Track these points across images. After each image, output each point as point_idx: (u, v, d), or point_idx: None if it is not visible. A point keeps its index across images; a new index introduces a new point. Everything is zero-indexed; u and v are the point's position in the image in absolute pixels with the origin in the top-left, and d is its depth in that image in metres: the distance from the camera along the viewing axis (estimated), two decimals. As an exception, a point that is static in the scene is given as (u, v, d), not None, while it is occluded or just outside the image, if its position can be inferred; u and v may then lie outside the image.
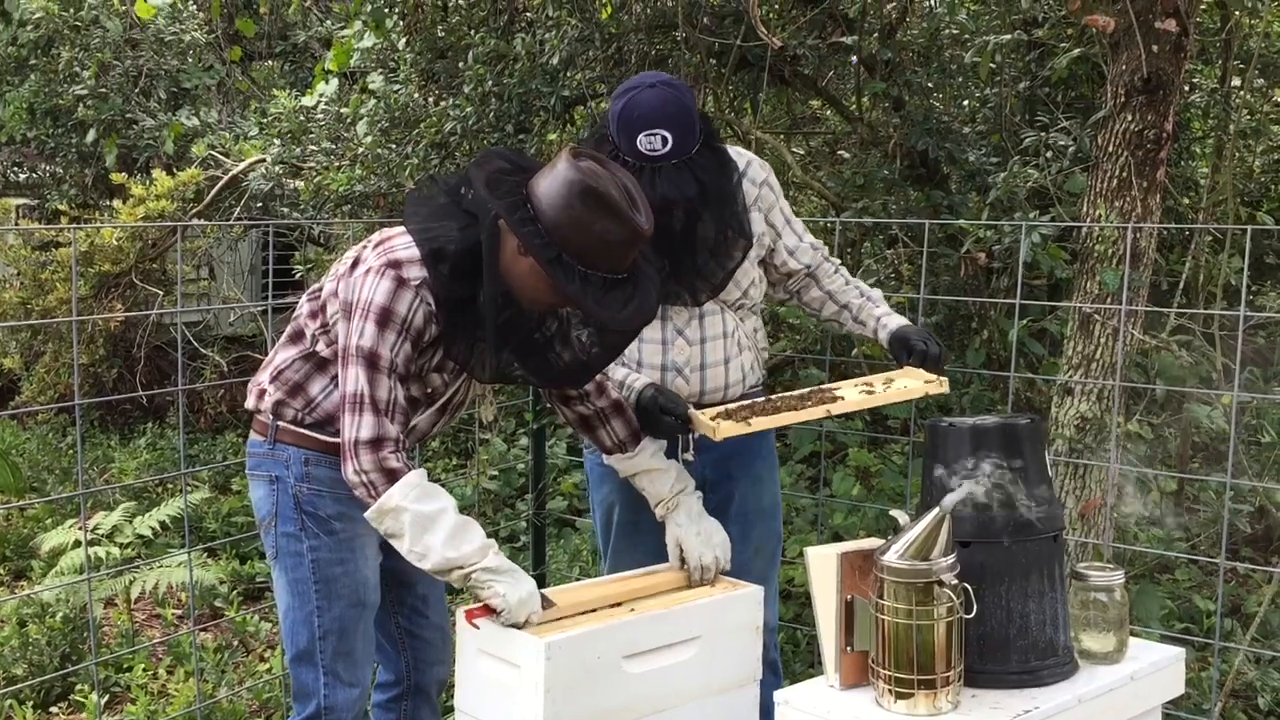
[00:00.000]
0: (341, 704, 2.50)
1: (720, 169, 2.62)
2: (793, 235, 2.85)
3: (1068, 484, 3.52)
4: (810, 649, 3.98)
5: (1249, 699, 3.81)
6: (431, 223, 2.34)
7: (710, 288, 2.69)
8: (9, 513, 5.73)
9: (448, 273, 2.30)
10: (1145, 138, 3.50)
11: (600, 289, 2.24)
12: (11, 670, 4.17)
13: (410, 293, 2.30)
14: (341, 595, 2.46)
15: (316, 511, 2.44)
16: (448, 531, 2.26)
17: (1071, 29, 4.93)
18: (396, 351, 2.31)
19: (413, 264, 2.31)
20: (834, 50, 5.63)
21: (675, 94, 2.53)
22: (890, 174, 5.32)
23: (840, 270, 2.91)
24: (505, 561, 2.30)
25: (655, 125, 2.49)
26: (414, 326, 2.32)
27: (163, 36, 7.76)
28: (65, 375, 6.85)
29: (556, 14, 5.40)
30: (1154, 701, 2.22)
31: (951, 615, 1.97)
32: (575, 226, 2.21)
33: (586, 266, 2.22)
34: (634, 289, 2.29)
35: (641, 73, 2.67)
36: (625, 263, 2.28)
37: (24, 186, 9.96)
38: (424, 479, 2.31)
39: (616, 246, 2.24)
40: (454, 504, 2.31)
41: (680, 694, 2.36)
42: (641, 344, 2.73)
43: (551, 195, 2.23)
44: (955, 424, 2.16)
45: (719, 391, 2.77)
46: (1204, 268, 4.78)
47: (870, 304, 2.86)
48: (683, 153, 2.53)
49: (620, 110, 2.53)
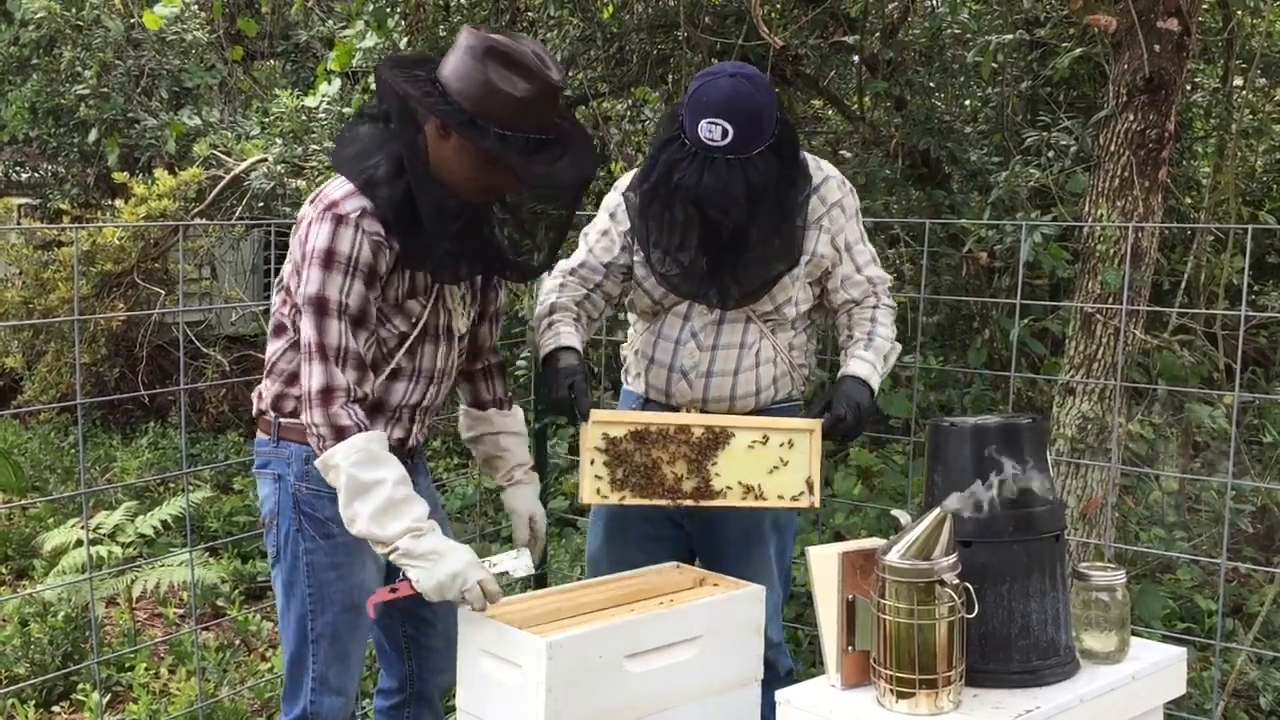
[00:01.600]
0: (326, 711, 2.47)
1: (782, 176, 2.54)
2: (850, 264, 2.74)
3: (1069, 484, 3.52)
4: (812, 649, 3.98)
5: (1251, 699, 3.81)
6: (358, 157, 2.32)
7: (741, 295, 2.62)
8: (11, 512, 5.73)
9: (386, 192, 2.27)
10: (1147, 137, 3.50)
11: (524, 149, 2.21)
12: (13, 669, 4.17)
13: (350, 228, 2.26)
14: (335, 600, 2.43)
15: (314, 513, 2.41)
16: (378, 505, 2.22)
17: (1073, 28, 4.93)
18: (346, 292, 2.26)
19: (348, 199, 2.28)
20: (836, 50, 5.63)
21: (750, 88, 2.46)
22: (892, 173, 5.33)
23: (879, 313, 2.78)
24: (431, 544, 2.24)
25: (718, 115, 2.43)
26: (361, 261, 2.27)
27: (165, 36, 7.76)
28: (67, 374, 6.85)
29: (558, 13, 5.41)
30: (1155, 701, 2.22)
31: (953, 615, 1.96)
32: (483, 87, 2.19)
33: (506, 128, 2.19)
34: (563, 150, 2.26)
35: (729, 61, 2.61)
36: (544, 120, 2.24)
37: (26, 186, 9.97)
38: (372, 443, 2.25)
39: (530, 103, 2.20)
40: (396, 477, 2.25)
41: (682, 693, 2.36)
42: (659, 340, 2.71)
43: (457, 67, 2.22)
44: (957, 424, 2.16)
45: (723, 402, 2.71)
46: (1205, 267, 4.78)
47: (860, 341, 2.75)
48: (742, 149, 2.45)
49: (694, 92, 2.48)
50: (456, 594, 2.24)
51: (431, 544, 2.24)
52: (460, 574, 2.23)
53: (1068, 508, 3.47)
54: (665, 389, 2.73)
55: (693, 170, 2.44)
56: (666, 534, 2.80)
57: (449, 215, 2.29)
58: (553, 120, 2.28)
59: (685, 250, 2.56)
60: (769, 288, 2.64)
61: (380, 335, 2.37)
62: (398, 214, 2.27)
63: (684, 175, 2.46)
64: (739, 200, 2.47)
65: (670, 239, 2.57)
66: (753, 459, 2.58)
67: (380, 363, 2.40)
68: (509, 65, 2.20)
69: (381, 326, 2.37)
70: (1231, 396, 3.78)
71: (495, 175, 2.27)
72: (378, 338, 2.37)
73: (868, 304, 2.79)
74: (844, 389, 2.67)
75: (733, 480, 2.58)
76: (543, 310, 2.72)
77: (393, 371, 2.42)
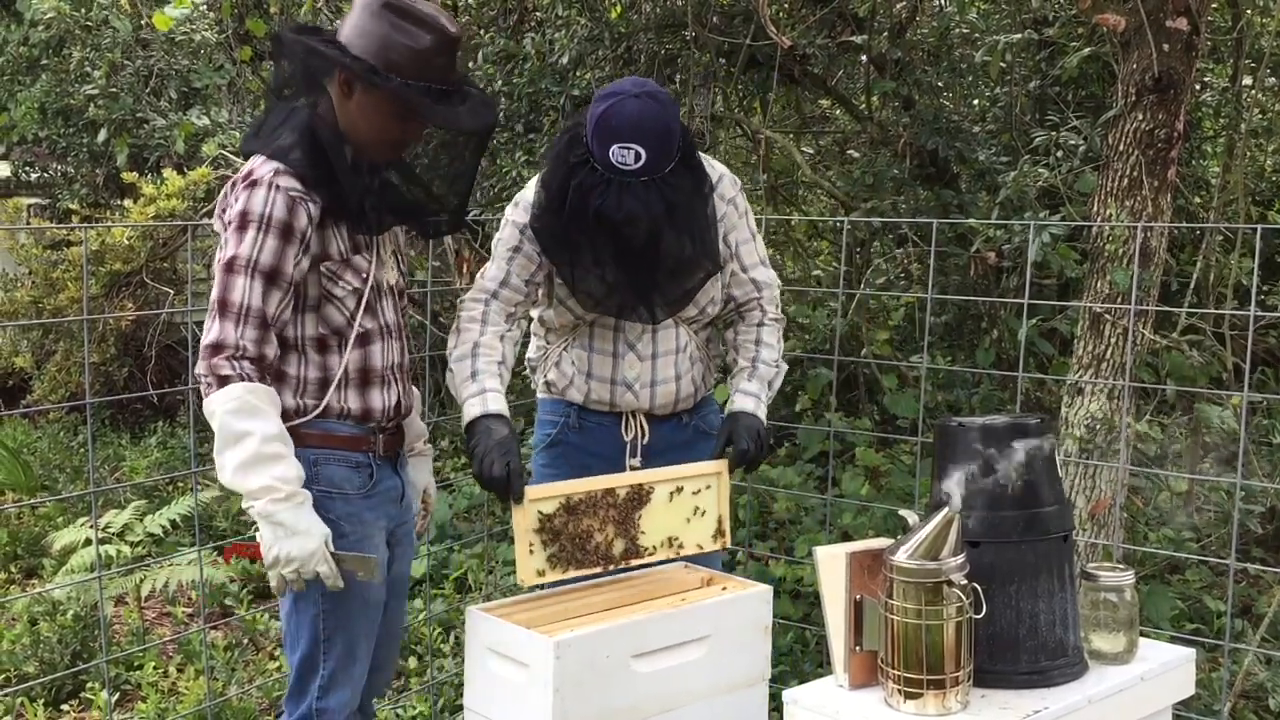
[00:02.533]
0: (335, 707, 2.47)
1: (694, 189, 2.55)
2: (737, 263, 2.76)
3: (1078, 484, 3.52)
4: (819, 649, 3.98)
5: (1259, 700, 3.80)
6: (264, 134, 2.35)
7: (668, 307, 2.64)
8: (21, 511, 5.75)
9: (298, 153, 2.28)
10: (1156, 137, 3.49)
11: (427, 98, 2.26)
12: (23, 668, 4.18)
13: (264, 188, 2.26)
14: (347, 598, 2.42)
15: (326, 514, 2.38)
16: (245, 457, 2.19)
17: (1082, 28, 4.92)
18: (258, 248, 2.25)
19: (262, 166, 2.30)
20: (844, 49, 5.63)
21: (658, 108, 2.44)
22: (900, 173, 5.32)
23: (764, 331, 2.80)
24: (290, 517, 2.21)
25: (630, 139, 2.40)
26: (274, 218, 2.26)
27: (173, 36, 7.77)
28: (76, 374, 6.88)
29: (566, 13, 5.41)
30: (1164, 702, 2.22)
31: (961, 615, 1.96)
32: (383, 40, 2.24)
33: (407, 78, 2.24)
34: (463, 101, 2.32)
35: (627, 78, 2.58)
36: (444, 72, 2.28)
37: (35, 186, 9.99)
38: (252, 394, 2.22)
39: (427, 53, 2.25)
40: (268, 433, 2.21)
41: (689, 693, 2.36)
42: (592, 354, 2.71)
43: (356, 25, 2.27)
44: (965, 424, 2.15)
45: (668, 406, 2.76)
46: (1214, 267, 4.77)
47: (745, 370, 2.77)
48: (655, 170, 2.44)
49: (599, 116, 2.43)
50: (290, 573, 2.24)
51: (290, 517, 2.22)
52: (300, 560, 2.23)
53: (1076, 508, 3.47)
54: (610, 400, 2.74)
55: (610, 196, 2.42)
56: None
57: (361, 170, 2.33)
58: (453, 73, 2.32)
59: (607, 270, 2.54)
60: (693, 295, 2.66)
61: (337, 294, 2.37)
62: (314, 169, 2.29)
63: (602, 202, 2.44)
64: (660, 220, 2.46)
65: (591, 261, 2.55)
66: (672, 511, 2.61)
67: (345, 328, 2.40)
68: (406, 18, 2.24)
69: (335, 284, 2.37)
70: (1240, 397, 3.77)
71: (400, 128, 2.31)
72: (336, 299, 2.37)
73: (752, 318, 2.80)
74: (740, 423, 2.70)
75: (657, 536, 2.60)
76: (464, 349, 2.62)
77: (363, 336, 2.43)
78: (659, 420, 2.78)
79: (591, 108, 2.47)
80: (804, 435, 5.22)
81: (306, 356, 2.39)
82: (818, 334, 5.68)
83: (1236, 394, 4.14)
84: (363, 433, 2.45)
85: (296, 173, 2.28)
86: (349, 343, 2.41)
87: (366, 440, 2.45)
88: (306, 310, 2.38)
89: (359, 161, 2.33)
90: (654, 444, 2.75)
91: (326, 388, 2.39)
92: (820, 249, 7.38)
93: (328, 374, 2.40)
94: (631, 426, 2.75)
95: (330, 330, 2.40)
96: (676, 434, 2.79)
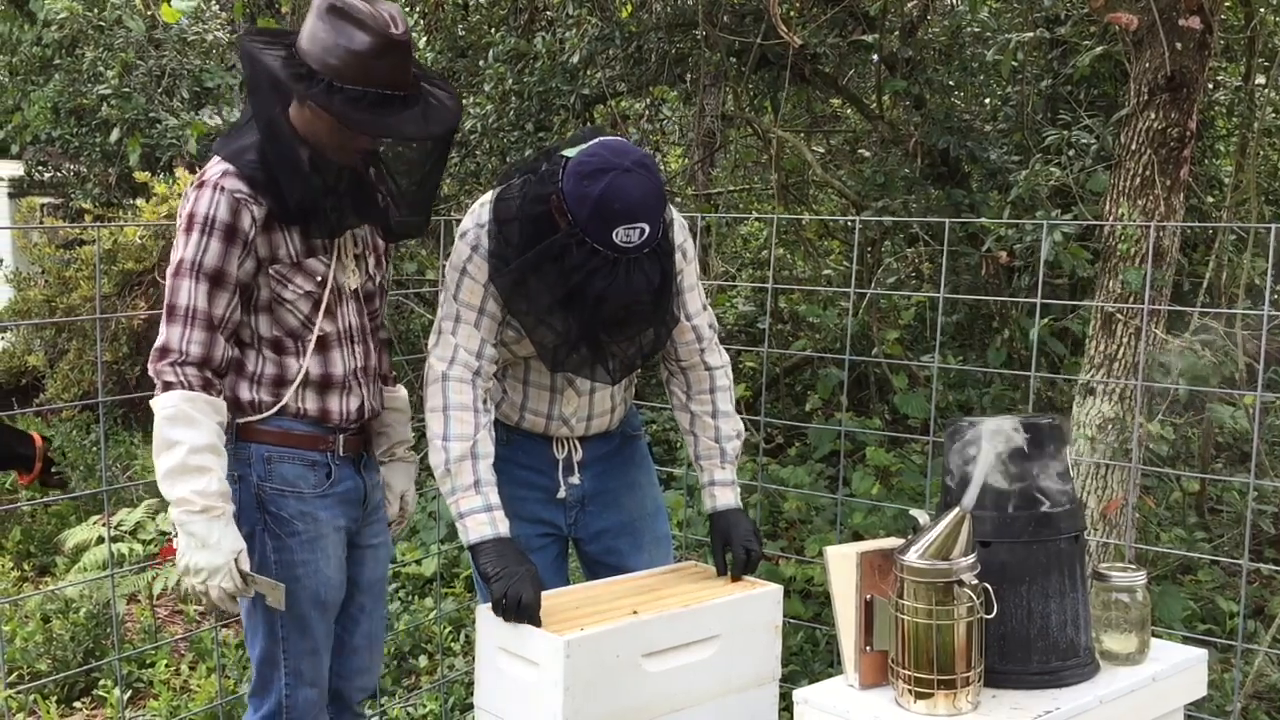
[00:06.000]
0: (302, 704, 2.47)
1: (671, 250, 2.45)
2: (681, 309, 2.61)
3: (1089, 484, 3.51)
4: (830, 648, 3.97)
5: (1272, 701, 3.79)
6: (231, 135, 2.36)
7: (626, 368, 2.55)
8: (34, 509, 5.77)
9: (252, 155, 2.27)
10: (1168, 136, 3.48)
11: (372, 106, 2.20)
12: (35, 665, 4.20)
13: (210, 190, 2.26)
14: (302, 596, 2.42)
15: (279, 512, 2.39)
16: (171, 465, 2.22)
17: (1094, 26, 4.91)
18: (202, 250, 2.26)
19: (212, 168, 2.29)
20: (855, 48, 5.63)
21: (652, 180, 2.31)
22: (911, 172, 5.31)
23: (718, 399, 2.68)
24: (203, 528, 2.21)
25: (637, 219, 2.26)
26: (218, 219, 2.26)
27: (185, 36, 7.80)
28: (89, 372, 6.89)
29: (576, 13, 5.42)
30: (1176, 703, 2.21)
31: (972, 615, 1.96)
32: (324, 44, 2.20)
33: (347, 83, 2.19)
34: (414, 107, 2.25)
35: (598, 142, 2.38)
36: (390, 77, 2.22)
37: (48, 185, 10.02)
38: (189, 404, 2.23)
39: (367, 57, 2.19)
40: (198, 444, 2.21)
41: (699, 693, 2.36)
42: (528, 388, 2.64)
43: (307, 28, 2.24)
44: (976, 424, 2.15)
45: (600, 433, 2.71)
46: (1227, 267, 4.75)
47: (714, 456, 2.67)
48: (654, 241, 2.31)
49: (598, 199, 2.24)
50: (199, 583, 2.25)
51: (203, 529, 2.23)
52: (207, 572, 2.24)
53: (1088, 508, 3.46)
54: (544, 431, 2.68)
55: (618, 278, 2.29)
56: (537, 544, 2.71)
57: (316, 172, 2.28)
58: (405, 77, 2.25)
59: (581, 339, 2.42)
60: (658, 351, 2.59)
61: (286, 298, 2.36)
62: (264, 172, 2.27)
63: (609, 284, 2.29)
64: (658, 287, 2.38)
65: (562, 328, 2.40)
66: None
67: (301, 331, 2.39)
68: (347, 20, 2.20)
69: (284, 287, 2.35)
70: (1253, 396, 3.75)
71: (347, 134, 2.26)
72: (287, 303, 2.36)
73: (700, 383, 2.69)
74: (735, 528, 2.61)
75: None
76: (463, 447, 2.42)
77: (323, 340, 2.41)
78: (589, 438, 2.72)
79: (577, 185, 2.27)
80: (814, 435, 5.22)
81: (263, 354, 2.39)
82: (829, 333, 5.68)
83: (1249, 394, 4.12)
84: (321, 432, 2.44)
85: (245, 175, 2.27)
86: (307, 345, 2.40)
87: (325, 440, 2.44)
88: (259, 311, 2.37)
89: (319, 162, 2.29)
90: (585, 460, 2.70)
91: (283, 386, 2.39)
92: (831, 248, 7.38)
93: (285, 373, 2.39)
94: (564, 447, 2.69)
95: (285, 332, 2.38)
96: (606, 445, 2.74)
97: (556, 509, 2.69)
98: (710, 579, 2.59)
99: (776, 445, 5.95)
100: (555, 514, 2.70)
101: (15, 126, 8.78)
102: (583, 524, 2.73)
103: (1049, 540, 2.08)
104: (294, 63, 2.23)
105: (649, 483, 2.84)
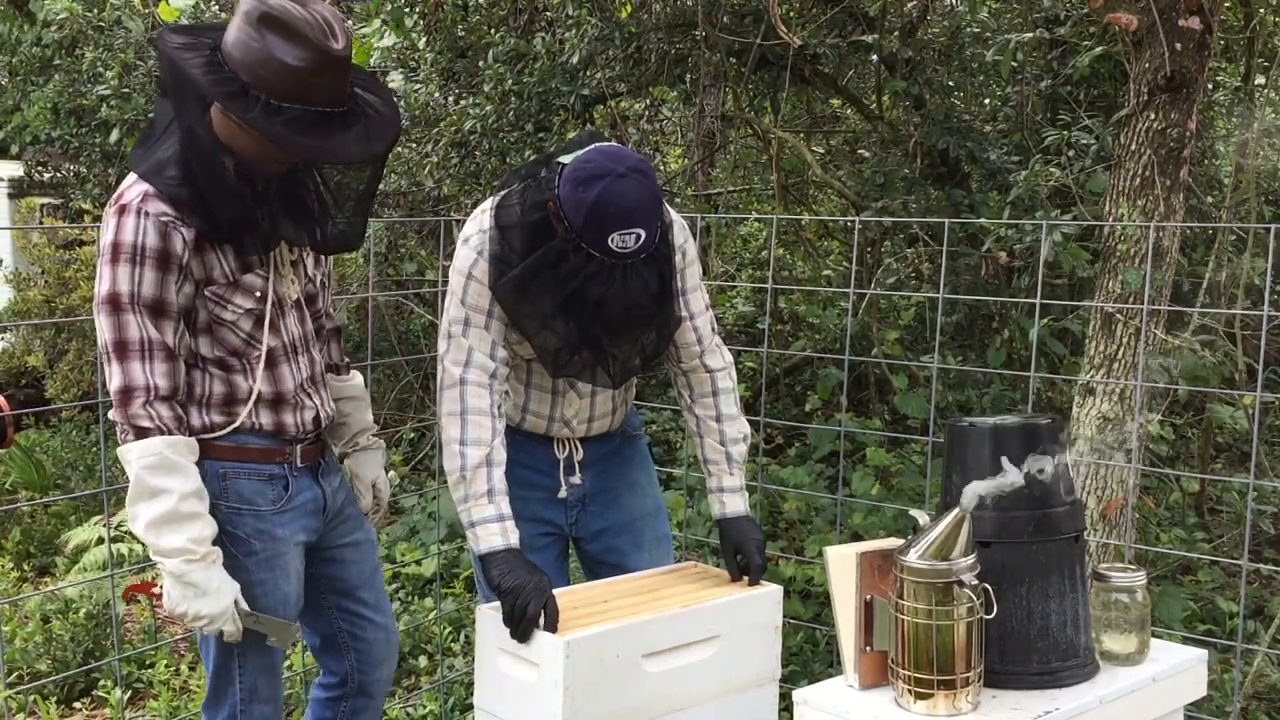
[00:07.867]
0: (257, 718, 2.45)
1: (670, 254, 2.44)
2: (684, 309, 2.61)
3: (1089, 484, 3.51)
4: (830, 648, 3.98)
5: (1272, 701, 3.79)
6: (147, 145, 2.22)
7: (627, 373, 2.55)
8: (34, 509, 5.77)
9: (173, 171, 2.15)
10: (1168, 136, 3.48)
11: (312, 125, 2.09)
12: (36, 666, 4.20)
13: (133, 216, 2.15)
14: (254, 610, 2.36)
15: (236, 531, 2.33)
16: (160, 514, 2.16)
17: (1094, 27, 4.91)
18: (138, 282, 2.15)
19: (132, 188, 2.18)
20: (854, 49, 5.63)
21: (648, 184, 2.29)
22: (910, 173, 5.32)
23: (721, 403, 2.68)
24: (202, 578, 2.19)
25: (633, 224, 2.25)
26: (148, 247, 2.15)
27: (185, 36, 7.79)
28: (89, 372, 6.89)
29: (576, 13, 5.42)
30: (1176, 703, 2.21)
31: (971, 615, 1.96)
32: (257, 56, 2.06)
33: (280, 99, 2.07)
34: (352, 124, 2.14)
35: (594, 148, 2.34)
36: (329, 94, 2.11)
37: (48, 186, 10.02)
38: (170, 449, 2.17)
39: (304, 73, 2.06)
40: (186, 490, 2.17)
41: (699, 693, 2.36)
42: (530, 390, 2.64)
43: (235, 34, 2.09)
44: (975, 424, 2.15)
45: (601, 434, 2.72)
46: (1227, 267, 4.75)
47: (721, 461, 2.66)
48: (651, 245, 2.30)
49: (593, 204, 2.23)
50: (201, 626, 2.24)
51: (203, 577, 2.20)
52: (210, 617, 2.23)
53: (1087, 508, 3.46)
54: (545, 432, 2.68)
55: (614, 283, 2.29)
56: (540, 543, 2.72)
57: (243, 184, 2.18)
58: (342, 93, 2.14)
59: (584, 345, 2.42)
60: (661, 356, 2.59)
61: (226, 319, 2.29)
62: (188, 190, 2.15)
63: (607, 290, 2.29)
64: (656, 292, 2.37)
65: (565, 334, 2.40)
66: None
67: (244, 349, 2.32)
68: (284, 33, 2.06)
69: (223, 308, 2.27)
70: (1252, 397, 3.75)
71: (275, 151, 2.15)
72: (227, 323, 2.29)
73: (701, 385, 2.68)
74: (747, 536, 2.60)
75: None
76: (479, 454, 2.41)
77: (271, 357, 2.35)
78: (590, 439, 2.73)
79: (573, 191, 2.26)
80: (814, 435, 5.22)
81: (209, 374, 2.32)
82: (828, 334, 5.68)
83: (1249, 394, 4.12)
84: (277, 445, 2.39)
85: (168, 195, 2.16)
86: (254, 362, 2.34)
87: (281, 452, 2.39)
88: (199, 333, 2.29)
89: (244, 173, 2.18)
90: (586, 459, 2.70)
91: (235, 404, 2.33)
92: (831, 248, 7.38)
93: (235, 391, 2.33)
94: (565, 447, 2.70)
95: (228, 351, 2.32)
96: (606, 445, 2.74)
97: (557, 508, 2.70)
98: (711, 579, 2.59)
99: (776, 445, 5.95)
100: (556, 513, 2.70)
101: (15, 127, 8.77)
102: (583, 523, 2.74)
103: (1049, 541, 2.08)
104: (221, 72, 2.10)
105: (649, 482, 2.84)
